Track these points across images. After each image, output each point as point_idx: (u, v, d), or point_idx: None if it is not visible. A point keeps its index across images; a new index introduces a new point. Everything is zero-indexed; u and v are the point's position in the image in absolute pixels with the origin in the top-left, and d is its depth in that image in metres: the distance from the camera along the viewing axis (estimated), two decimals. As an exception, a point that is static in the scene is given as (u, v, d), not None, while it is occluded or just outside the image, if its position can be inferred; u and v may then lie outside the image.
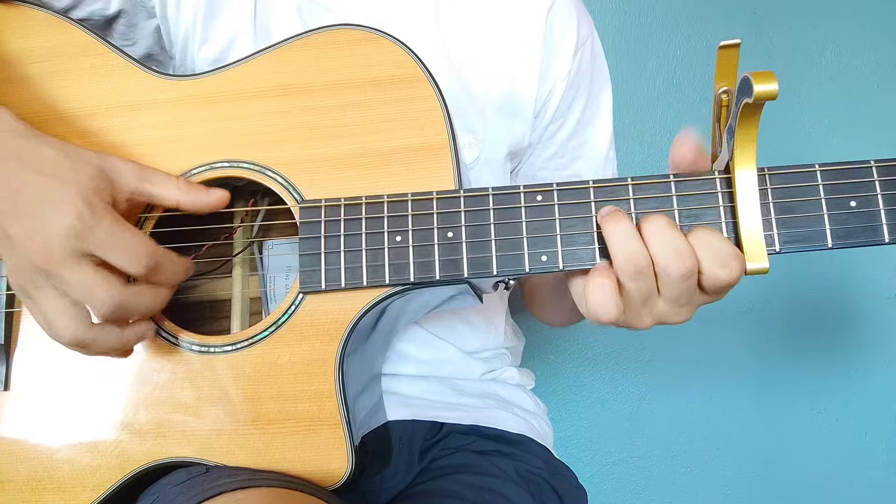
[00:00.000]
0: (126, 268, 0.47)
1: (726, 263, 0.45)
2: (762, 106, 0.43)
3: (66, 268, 0.46)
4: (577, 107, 0.75)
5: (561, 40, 0.72)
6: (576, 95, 0.74)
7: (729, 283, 0.46)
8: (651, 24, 1.18)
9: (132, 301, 0.48)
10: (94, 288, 0.46)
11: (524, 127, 0.73)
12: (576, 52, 0.72)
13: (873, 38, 1.20)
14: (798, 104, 1.20)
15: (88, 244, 0.46)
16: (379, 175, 0.54)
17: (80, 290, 0.46)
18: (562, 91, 0.72)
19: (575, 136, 0.76)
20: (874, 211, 0.48)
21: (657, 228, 0.46)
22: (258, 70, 0.57)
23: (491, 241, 0.51)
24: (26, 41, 0.59)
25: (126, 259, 0.47)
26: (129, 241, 0.47)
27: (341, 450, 0.52)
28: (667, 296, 0.47)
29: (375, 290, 0.52)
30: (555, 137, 0.75)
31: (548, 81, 0.72)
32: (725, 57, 0.47)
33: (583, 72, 0.74)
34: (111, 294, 0.47)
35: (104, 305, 0.47)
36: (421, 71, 0.55)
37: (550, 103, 0.73)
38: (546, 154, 0.76)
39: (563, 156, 0.76)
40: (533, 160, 0.77)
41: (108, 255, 0.46)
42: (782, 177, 0.49)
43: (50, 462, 0.53)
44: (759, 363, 1.20)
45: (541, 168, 0.77)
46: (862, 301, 1.20)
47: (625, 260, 0.46)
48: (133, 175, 0.51)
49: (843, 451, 1.19)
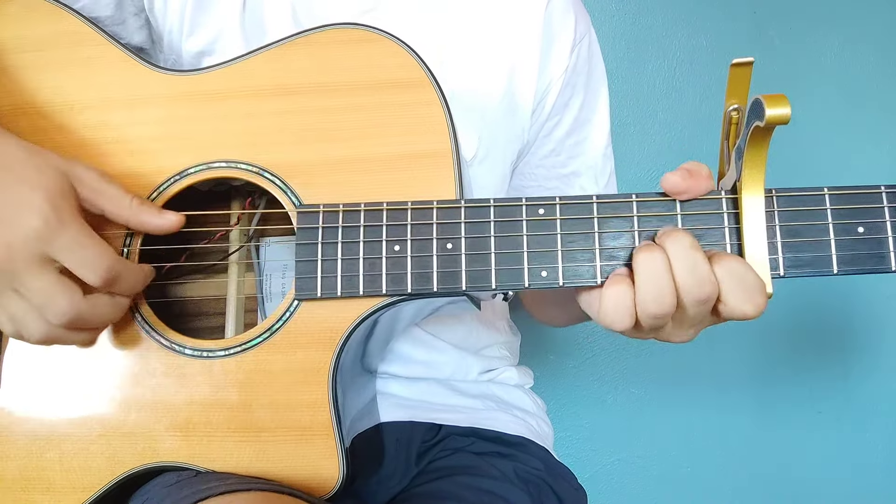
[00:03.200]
0: (86, 277, 0.46)
1: (751, 298, 0.45)
2: (773, 129, 0.42)
3: (28, 272, 0.45)
4: (574, 104, 0.74)
5: (558, 36, 0.71)
6: (573, 93, 0.73)
7: (752, 317, 0.45)
8: (651, 25, 1.17)
9: (90, 312, 0.48)
10: (55, 296, 0.46)
11: (522, 124, 0.72)
12: (573, 48, 0.72)
13: (873, 38, 1.19)
14: (798, 104, 1.18)
15: (52, 249, 0.45)
16: (378, 181, 0.53)
17: (41, 296, 0.46)
18: (559, 87, 0.71)
19: (572, 134, 0.75)
20: (882, 238, 0.47)
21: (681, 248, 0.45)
22: (259, 68, 0.56)
23: (490, 254, 0.50)
24: (22, 29, 0.58)
25: (86, 269, 0.46)
26: (93, 250, 0.46)
27: (333, 459, 0.51)
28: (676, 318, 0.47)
29: (372, 299, 0.52)
30: (552, 135, 0.74)
31: (545, 77, 0.71)
32: (738, 74, 0.46)
33: (579, 69, 0.73)
34: (71, 304, 0.46)
35: (63, 315, 0.46)
36: (425, 75, 0.54)
37: (547, 100, 0.72)
38: (543, 152, 0.75)
39: (560, 153, 0.76)
40: (530, 157, 0.76)
41: (69, 262, 0.46)
42: (790, 199, 0.48)
43: (40, 462, 0.53)
44: (759, 363, 1.19)
45: (537, 166, 0.76)
46: (862, 301, 1.19)
47: (652, 299, 0.45)
48: (91, 185, 0.50)
49: (844, 451, 1.19)
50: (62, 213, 0.46)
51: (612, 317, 0.46)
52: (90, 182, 0.50)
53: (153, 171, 0.56)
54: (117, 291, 0.49)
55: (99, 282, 0.47)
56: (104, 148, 0.56)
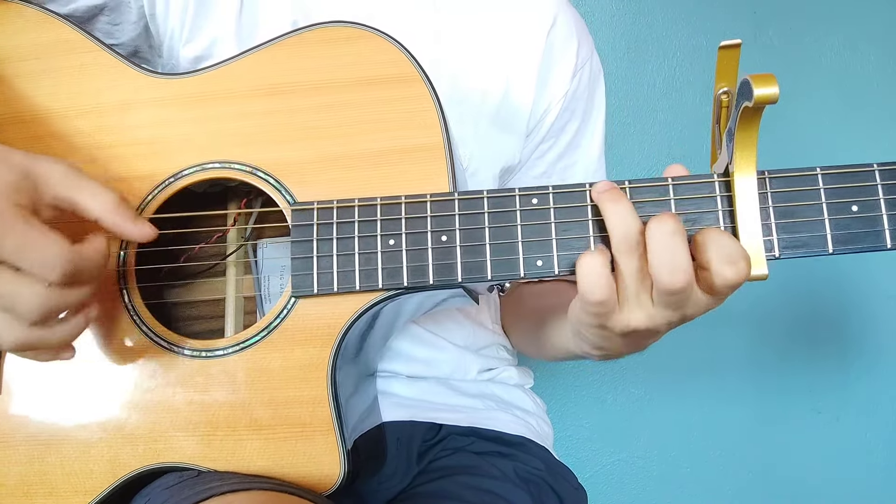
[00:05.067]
0: (42, 276, 0.44)
1: (734, 262, 0.44)
2: (762, 109, 0.42)
3: None
4: (570, 129, 0.75)
5: (560, 60, 0.71)
6: (570, 118, 0.74)
7: (735, 283, 0.45)
8: (651, 25, 1.18)
9: (61, 299, 0.45)
10: (16, 296, 0.44)
11: (516, 143, 0.72)
12: (574, 74, 0.72)
13: (873, 38, 1.20)
14: (798, 104, 1.19)
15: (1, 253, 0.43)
16: (372, 176, 0.53)
17: (3, 300, 0.44)
18: (557, 111, 0.72)
19: (564, 157, 0.76)
20: (876, 216, 0.47)
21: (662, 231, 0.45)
22: (250, 68, 0.56)
23: (485, 245, 0.50)
24: (14, 38, 0.58)
25: (40, 268, 0.44)
26: (42, 249, 0.44)
27: (334, 456, 0.51)
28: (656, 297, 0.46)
29: (368, 294, 0.52)
30: (545, 157, 0.75)
31: (543, 100, 0.71)
32: (726, 57, 0.46)
33: (579, 95, 0.74)
34: (37, 298, 0.44)
35: (30, 313, 0.44)
36: (415, 70, 0.54)
37: (545, 122, 0.72)
38: (534, 173, 0.76)
39: (551, 176, 0.76)
40: (521, 177, 0.76)
41: (22, 265, 0.43)
42: (783, 180, 0.48)
43: (42, 467, 0.53)
44: (759, 363, 1.19)
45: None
46: (861, 301, 1.19)
47: (622, 235, 0.45)
48: (60, 179, 0.47)
49: (843, 451, 1.19)
50: (4, 214, 0.43)
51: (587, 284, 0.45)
52: (59, 177, 0.47)
53: (148, 175, 0.56)
54: (82, 280, 0.46)
55: (56, 277, 0.44)
56: (99, 153, 0.56)
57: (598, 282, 0.45)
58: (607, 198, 0.47)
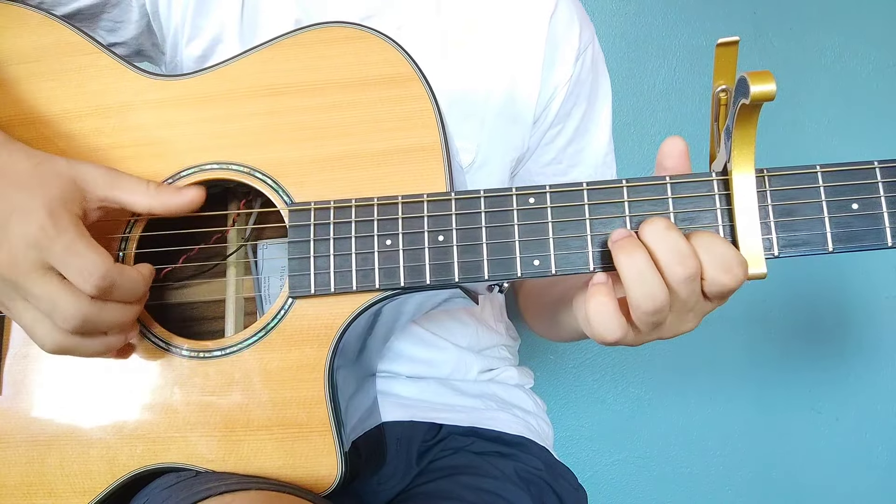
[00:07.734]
0: (79, 285, 0.46)
1: (729, 269, 0.44)
2: (760, 107, 0.42)
3: (30, 280, 0.45)
4: (576, 113, 0.74)
5: (563, 46, 0.71)
6: (576, 102, 0.74)
7: (732, 289, 0.45)
8: (651, 25, 1.18)
9: (98, 316, 0.47)
10: (58, 301, 0.46)
11: (523, 132, 0.72)
12: (577, 58, 0.72)
13: (873, 38, 1.19)
14: (798, 104, 1.18)
15: (49, 256, 0.45)
16: (369, 177, 0.53)
17: (45, 303, 0.46)
18: (562, 97, 0.72)
19: (573, 143, 0.76)
20: (877, 214, 0.46)
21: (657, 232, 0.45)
22: (248, 70, 0.56)
23: (482, 245, 0.50)
24: (16, 41, 0.59)
25: (80, 277, 0.46)
26: (84, 258, 0.46)
27: (331, 456, 0.51)
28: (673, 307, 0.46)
29: (366, 294, 0.51)
30: (553, 143, 0.75)
31: (548, 87, 0.71)
32: (724, 55, 0.46)
33: (583, 79, 0.73)
34: (75, 309, 0.46)
35: (69, 320, 0.46)
36: (412, 70, 0.54)
37: (551, 109, 0.72)
38: (544, 160, 0.76)
39: (562, 161, 0.76)
40: (530, 165, 0.76)
41: (64, 269, 0.46)
42: (782, 178, 0.47)
43: (41, 468, 0.53)
44: (759, 363, 1.19)
45: (538, 173, 0.77)
46: (861, 301, 1.19)
47: (643, 297, 0.44)
48: (102, 182, 0.50)
49: (843, 451, 1.18)
50: (59, 219, 0.46)
51: (600, 329, 0.45)
52: (101, 180, 0.50)
53: (148, 176, 0.56)
54: (117, 298, 0.48)
55: (92, 290, 0.46)
56: (99, 155, 0.56)
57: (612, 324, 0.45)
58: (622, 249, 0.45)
